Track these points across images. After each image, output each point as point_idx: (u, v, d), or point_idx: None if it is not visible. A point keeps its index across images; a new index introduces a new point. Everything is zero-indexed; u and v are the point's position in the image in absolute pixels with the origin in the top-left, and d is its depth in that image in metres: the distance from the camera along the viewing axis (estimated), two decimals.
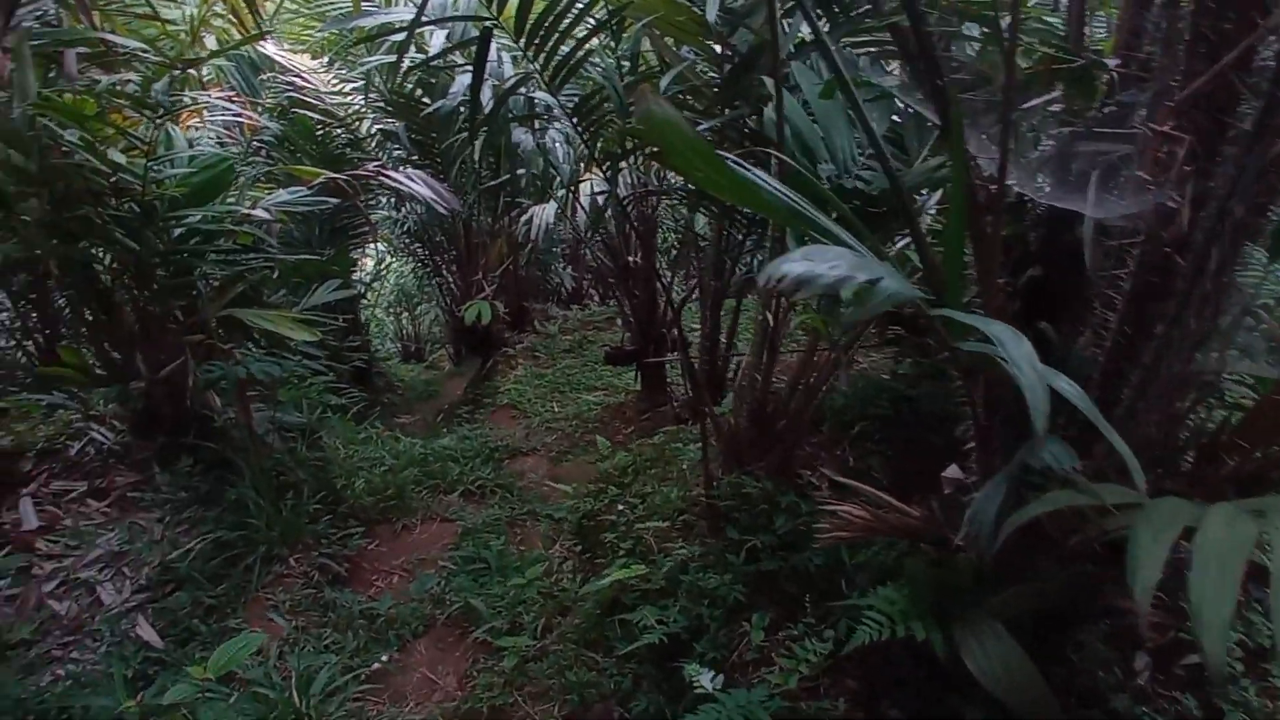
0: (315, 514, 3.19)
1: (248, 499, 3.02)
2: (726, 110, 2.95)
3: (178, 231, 3.41)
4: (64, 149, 3.06)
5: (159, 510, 3.28)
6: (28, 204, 3.13)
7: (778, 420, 2.22)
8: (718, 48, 3.14)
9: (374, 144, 6.56)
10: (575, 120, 3.47)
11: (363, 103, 5.97)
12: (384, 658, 2.55)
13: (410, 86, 5.27)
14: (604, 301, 10.20)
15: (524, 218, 5.67)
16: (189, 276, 3.49)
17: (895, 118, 2.59)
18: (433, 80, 5.05)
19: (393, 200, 7.78)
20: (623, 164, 4.06)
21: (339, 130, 6.14)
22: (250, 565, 2.88)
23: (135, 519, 3.29)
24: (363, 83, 5.73)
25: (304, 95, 5.77)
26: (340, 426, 4.32)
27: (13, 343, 4.01)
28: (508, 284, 7.61)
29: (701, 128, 2.94)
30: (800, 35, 2.75)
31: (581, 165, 4.92)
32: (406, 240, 8.99)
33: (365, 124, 6.44)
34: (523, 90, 3.68)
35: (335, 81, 5.97)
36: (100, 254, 3.43)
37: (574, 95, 3.67)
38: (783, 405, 2.23)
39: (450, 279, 7.92)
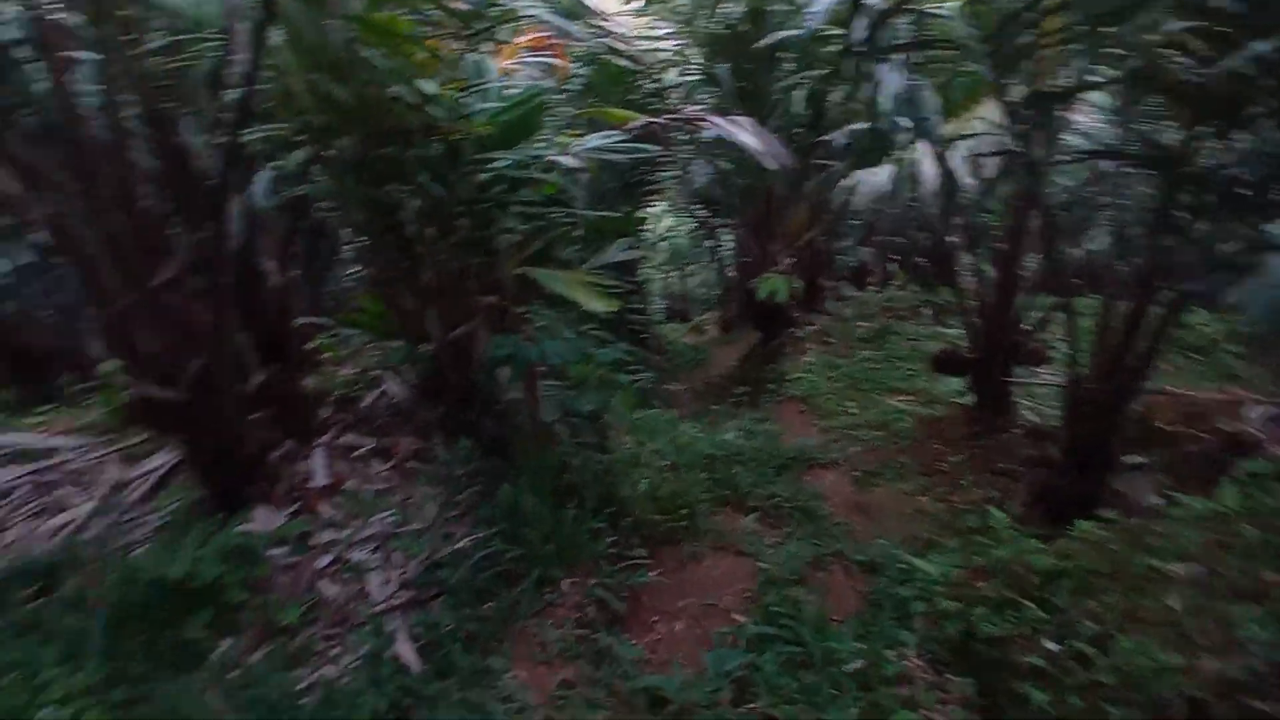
0: (597, 530, 2.64)
1: (525, 504, 2.54)
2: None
3: (483, 177, 3.01)
4: (379, 82, 2.74)
5: (435, 487, 2.97)
6: (341, 142, 2.90)
7: None
8: None
9: (677, 93, 6.00)
10: (990, 52, 2.45)
11: (673, 48, 5.39)
12: None
13: (737, 20, 4.50)
14: (886, 283, 8.80)
15: (844, 182, 4.69)
16: (490, 229, 3.09)
17: None
18: (769, 8, 4.23)
19: (682, 157, 7.23)
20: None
21: (642, 80, 5.64)
22: (523, 589, 2.40)
23: (412, 494, 3.02)
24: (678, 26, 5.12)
25: (613, 41, 5.32)
26: (624, 407, 3.79)
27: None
28: (803, 257, 6.70)
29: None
30: None
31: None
32: (690, 200, 8.45)
33: (672, 72, 5.90)
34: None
35: (646, 27, 5.46)
36: (409, 199, 3.16)
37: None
38: None
39: (737, 243, 7.21)
